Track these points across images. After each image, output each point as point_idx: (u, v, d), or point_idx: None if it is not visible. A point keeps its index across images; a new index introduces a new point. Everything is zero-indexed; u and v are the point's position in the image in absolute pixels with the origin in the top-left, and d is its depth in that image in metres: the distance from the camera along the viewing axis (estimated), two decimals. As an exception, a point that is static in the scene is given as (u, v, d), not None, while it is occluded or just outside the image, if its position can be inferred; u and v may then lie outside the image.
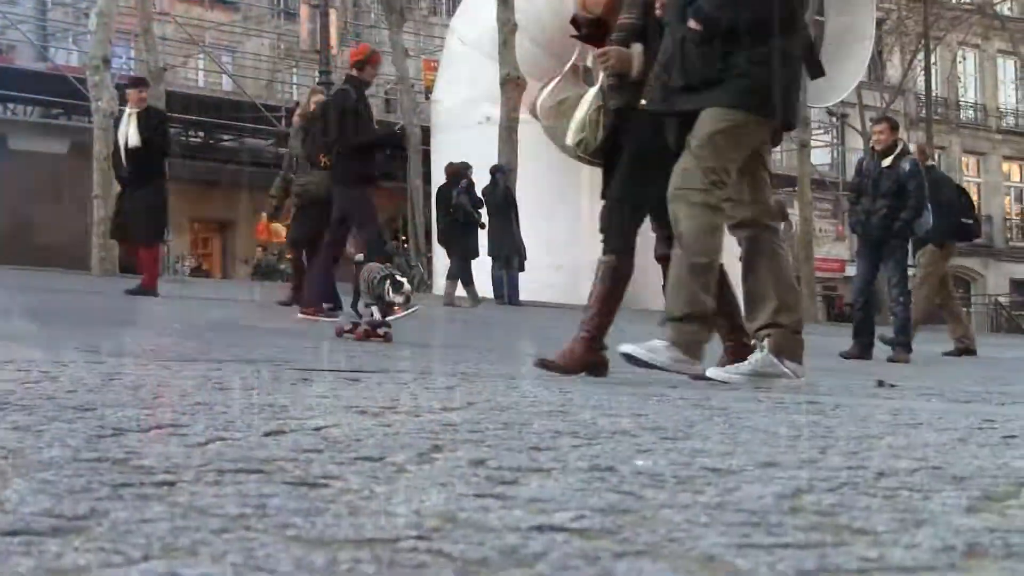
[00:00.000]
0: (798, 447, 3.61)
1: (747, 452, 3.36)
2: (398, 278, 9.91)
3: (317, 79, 34.09)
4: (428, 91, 37.91)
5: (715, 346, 7.52)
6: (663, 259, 7.41)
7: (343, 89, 13.47)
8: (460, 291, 23.05)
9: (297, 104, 19.64)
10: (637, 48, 7.36)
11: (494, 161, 25.73)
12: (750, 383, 7.06)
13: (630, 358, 7.03)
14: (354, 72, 13.37)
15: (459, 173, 23.71)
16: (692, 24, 6.88)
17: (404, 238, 40.42)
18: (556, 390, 6.17)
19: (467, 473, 2.65)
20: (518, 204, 24.64)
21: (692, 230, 7.00)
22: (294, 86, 46.59)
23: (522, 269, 24.40)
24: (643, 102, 7.22)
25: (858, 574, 1.65)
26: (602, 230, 7.57)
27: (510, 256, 24.34)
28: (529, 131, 27.61)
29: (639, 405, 5.33)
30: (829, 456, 3.33)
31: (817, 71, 7.45)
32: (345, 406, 4.26)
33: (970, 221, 17.43)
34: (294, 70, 47.45)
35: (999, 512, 2.29)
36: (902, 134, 39.36)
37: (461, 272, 23.22)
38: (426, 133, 35.13)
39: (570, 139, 7.48)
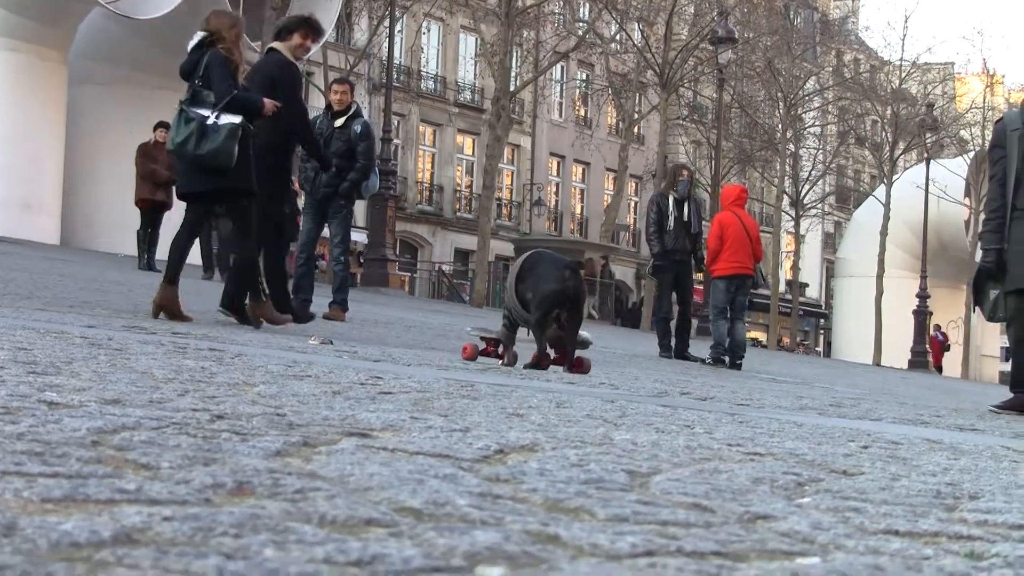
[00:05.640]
0: (161, 388, 3.59)
1: (104, 389, 3.32)
2: None
3: None
4: None
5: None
6: None
7: None
8: None
9: None
10: None
11: None
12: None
13: None
14: None
15: None
16: None
17: None
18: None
19: None
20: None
21: None
22: None
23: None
24: None
25: (105, 504, 1.65)
26: None
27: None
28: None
29: (32, 341, 5.20)
30: (186, 398, 3.34)
31: None
32: None
33: None
34: None
35: (304, 458, 2.35)
36: (364, 99, 39.82)
37: None
38: None
39: None
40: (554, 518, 1.89)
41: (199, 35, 10.19)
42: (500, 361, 8.73)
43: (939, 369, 43.67)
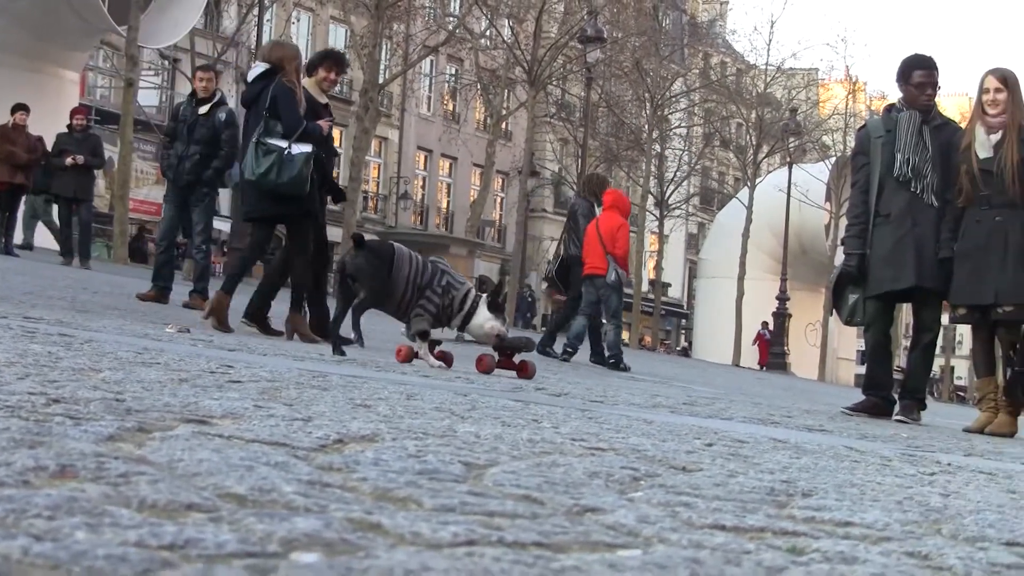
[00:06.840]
0: (2, 372, 3.54)
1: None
2: None
3: None
4: None
5: None
6: None
7: None
8: None
9: None
10: None
11: None
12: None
13: None
14: None
15: None
16: None
17: None
18: None
19: None
20: None
21: None
22: None
23: None
24: None
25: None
26: None
27: None
28: None
29: None
30: (26, 382, 3.29)
31: None
32: None
33: None
34: None
35: (136, 443, 2.33)
36: (232, 87, 39.41)
37: None
38: None
39: None
40: (380, 507, 1.89)
41: (261, 66, 10.37)
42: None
43: (764, 367, 43.97)
